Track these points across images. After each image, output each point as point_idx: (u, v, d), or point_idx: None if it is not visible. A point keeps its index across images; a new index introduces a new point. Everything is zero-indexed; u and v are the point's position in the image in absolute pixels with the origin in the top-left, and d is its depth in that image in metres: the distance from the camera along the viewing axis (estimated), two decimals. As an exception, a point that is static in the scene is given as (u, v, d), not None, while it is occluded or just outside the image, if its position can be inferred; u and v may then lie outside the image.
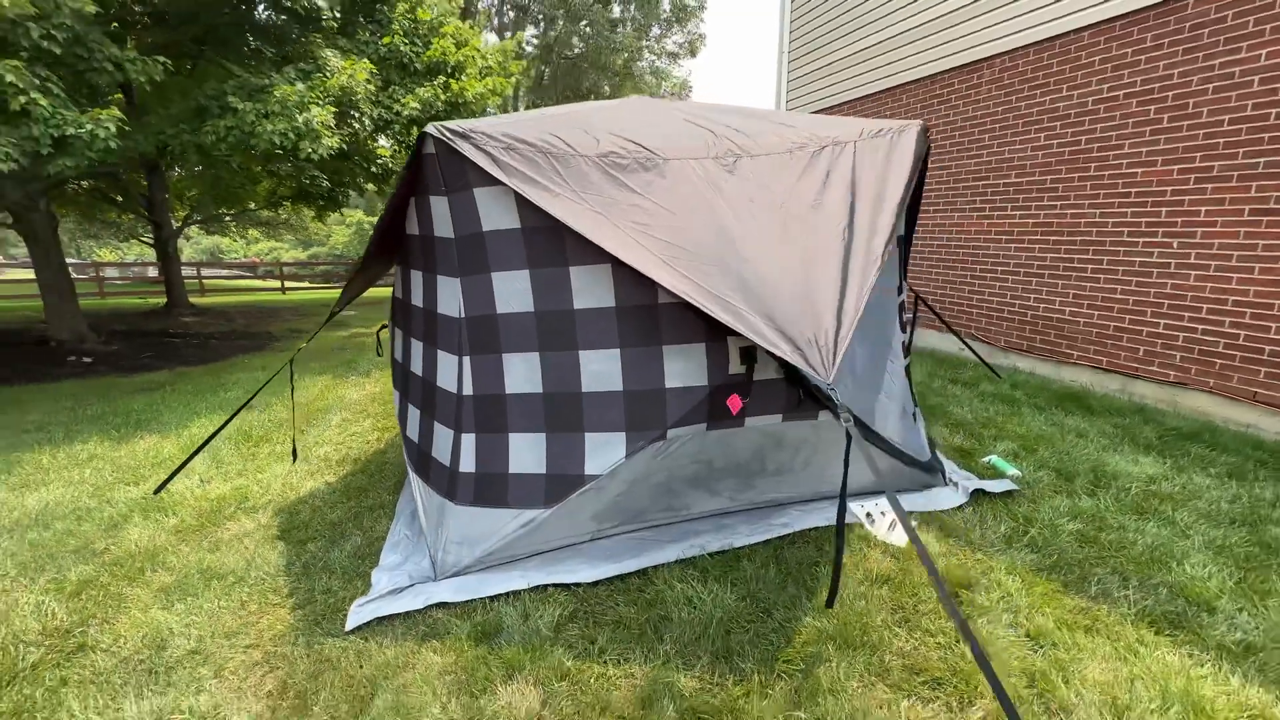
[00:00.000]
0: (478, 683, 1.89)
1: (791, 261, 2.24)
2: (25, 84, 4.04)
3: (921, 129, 2.76)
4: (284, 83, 5.64)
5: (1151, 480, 3.18)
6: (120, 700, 1.91)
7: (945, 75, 6.12)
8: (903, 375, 3.00)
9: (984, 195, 5.81)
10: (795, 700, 1.76)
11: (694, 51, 19.13)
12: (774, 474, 2.74)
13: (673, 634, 2.07)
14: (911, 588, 2.27)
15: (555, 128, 2.48)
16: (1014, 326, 5.61)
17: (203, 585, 2.52)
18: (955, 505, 2.89)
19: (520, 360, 2.44)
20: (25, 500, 3.41)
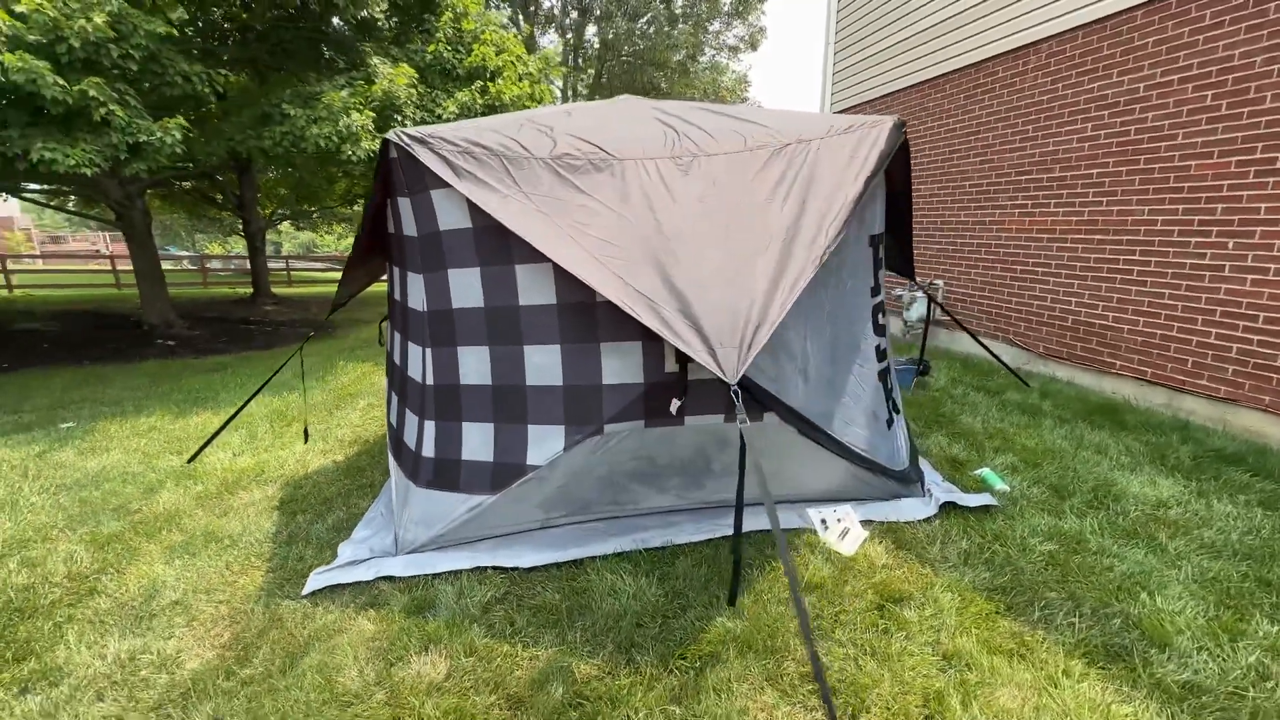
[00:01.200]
0: (396, 651, 2.04)
1: (727, 261, 2.24)
2: (105, 97, 4.61)
3: (894, 125, 2.66)
4: (332, 90, 6.09)
5: (1161, 504, 2.91)
6: (107, 639, 2.20)
7: (990, 63, 5.75)
8: (875, 380, 2.90)
9: (1027, 191, 5.42)
10: (677, 696, 1.79)
11: (754, 45, 18.75)
12: (722, 474, 2.73)
13: (587, 622, 2.14)
14: (840, 598, 2.22)
15: (518, 131, 2.59)
16: (1054, 332, 5.21)
17: (203, 546, 2.83)
18: (923, 517, 2.77)
19: (473, 353, 2.57)
20: (88, 463, 3.92)
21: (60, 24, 4.44)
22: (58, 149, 4.52)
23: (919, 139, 6.80)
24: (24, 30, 4.35)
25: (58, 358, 6.86)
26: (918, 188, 6.89)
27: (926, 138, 6.69)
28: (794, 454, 2.71)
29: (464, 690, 1.86)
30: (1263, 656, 1.89)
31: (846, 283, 2.75)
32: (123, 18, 4.75)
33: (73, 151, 4.56)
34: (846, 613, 2.13)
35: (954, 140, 6.28)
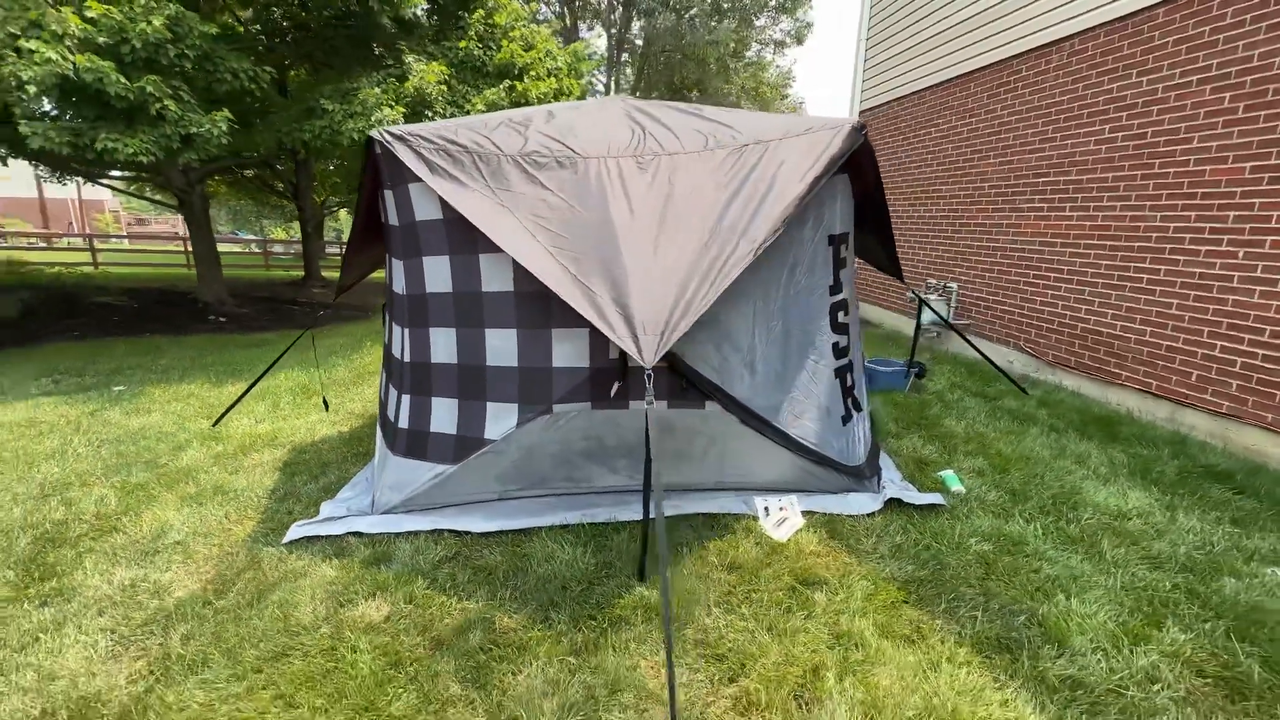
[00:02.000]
0: (348, 595, 2.29)
1: (667, 254, 2.38)
2: (161, 93, 5.09)
3: (852, 128, 2.72)
4: (368, 86, 6.48)
5: (1122, 515, 2.88)
6: (115, 568, 2.55)
7: (1014, 61, 5.60)
8: (830, 376, 2.97)
9: (1043, 194, 5.28)
10: (578, 650, 1.97)
11: (800, 39, 18.43)
12: (671, 458, 2.87)
13: (519, 583, 2.34)
14: (757, 578, 2.34)
15: (493, 130, 2.79)
16: (1063, 340, 5.07)
17: (210, 497, 3.18)
18: (867, 512, 2.84)
19: (442, 334, 2.80)
20: (131, 421, 4.39)
21: (125, 27, 4.93)
22: (119, 139, 5.04)
23: (942, 138, 6.67)
24: (94, 33, 4.86)
25: (124, 329, 7.57)
26: (938, 188, 6.77)
27: (950, 137, 6.55)
28: (740, 443, 2.83)
29: (396, 631, 2.09)
30: (1159, 660, 1.91)
31: (800, 280, 2.84)
32: (179, 20, 5.22)
33: (131, 142, 5.07)
34: (758, 591, 2.25)
35: (976, 140, 6.14)
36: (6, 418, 4.36)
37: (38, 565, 2.57)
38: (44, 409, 4.59)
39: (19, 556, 2.64)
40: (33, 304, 7.77)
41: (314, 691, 1.83)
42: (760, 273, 2.74)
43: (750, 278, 2.71)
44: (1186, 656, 1.94)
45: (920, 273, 7.13)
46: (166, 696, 1.83)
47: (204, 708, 1.79)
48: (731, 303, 2.69)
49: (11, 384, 5.15)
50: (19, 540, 2.76)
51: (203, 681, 1.89)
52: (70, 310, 8.16)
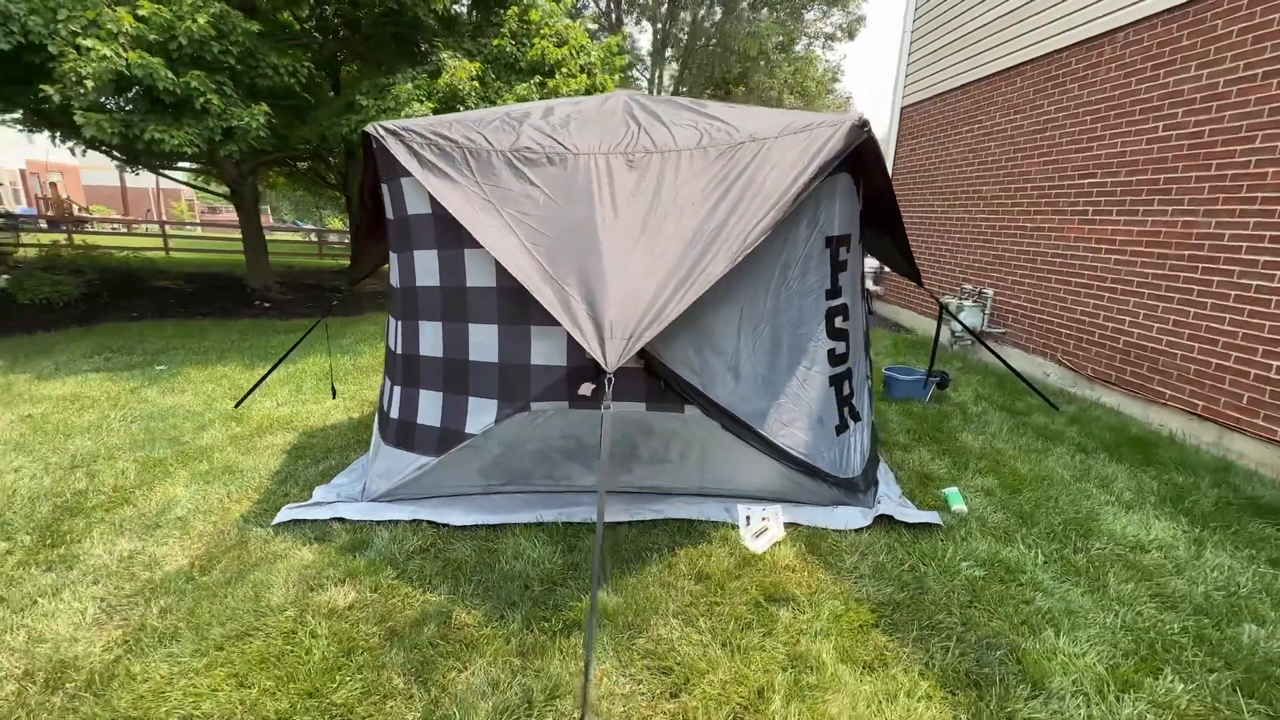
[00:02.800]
0: (319, 579, 2.35)
1: (645, 255, 2.33)
2: (205, 88, 5.35)
3: (852, 125, 2.59)
4: (401, 82, 6.63)
5: (1139, 546, 2.66)
6: (119, 539, 2.69)
7: (1063, 54, 5.24)
8: (824, 384, 2.85)
9: (1088, 196, 4.93)
10: (525, 651, 1.95)
11: (852, 34, 17.82)
12: (650, 462, 2.82)
13: (484, 578, 2.34)
14: (724, 590, 2.27)
15: (487, 125, 2.79)
16: (1104, 354, 4.73)
17: (218, 476, 3.32)
18: (855, 527, 2.71)
19: (430, 327, 2.83)
20: (164, 400, 4.64)
21: (173, 24, 5.20)
22: (165, 131, 5.32)
23: (985, 135, 6.32)
24: (145, 31, 5.14)
25: (177, 311, 8.04)
26: (978, 188, 6.43)
27: (993, 135, 6.21)
28: (722, 449, 2.75)
29: (356, 619, 2.13)
30: (1147, 711, 1.74)
31: (793, 282, 2.73)
32: (224, 17, 5.47)
33: (177, 133, 5.34)
34: (721, 604, 2.18)
35: (1019, 138, 5.79)
36: (55, 391, 4.69)
37: (52, 532, 2.74)
38: (90, 384, 4.90)
39: (38, 523, 2.82)
40: (98, 286, 8.34)
41: (266, 673, 1.88)
42: (749, 274, 2.65)
43: (738, 279, 2.63)
44: (1181, 709, 1.77)
45: (956, 277, 6.80)
46: (133, 667, 1.92)
47: (164, 680, 1.86)
48: (716, 304, 2.61)
49: (66, 360, 5.53)
50: (41, 507, 2.95)
51: (168, 655, 1.97)
52: (132, 292, 8.73)
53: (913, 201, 7.91)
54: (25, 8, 4.97)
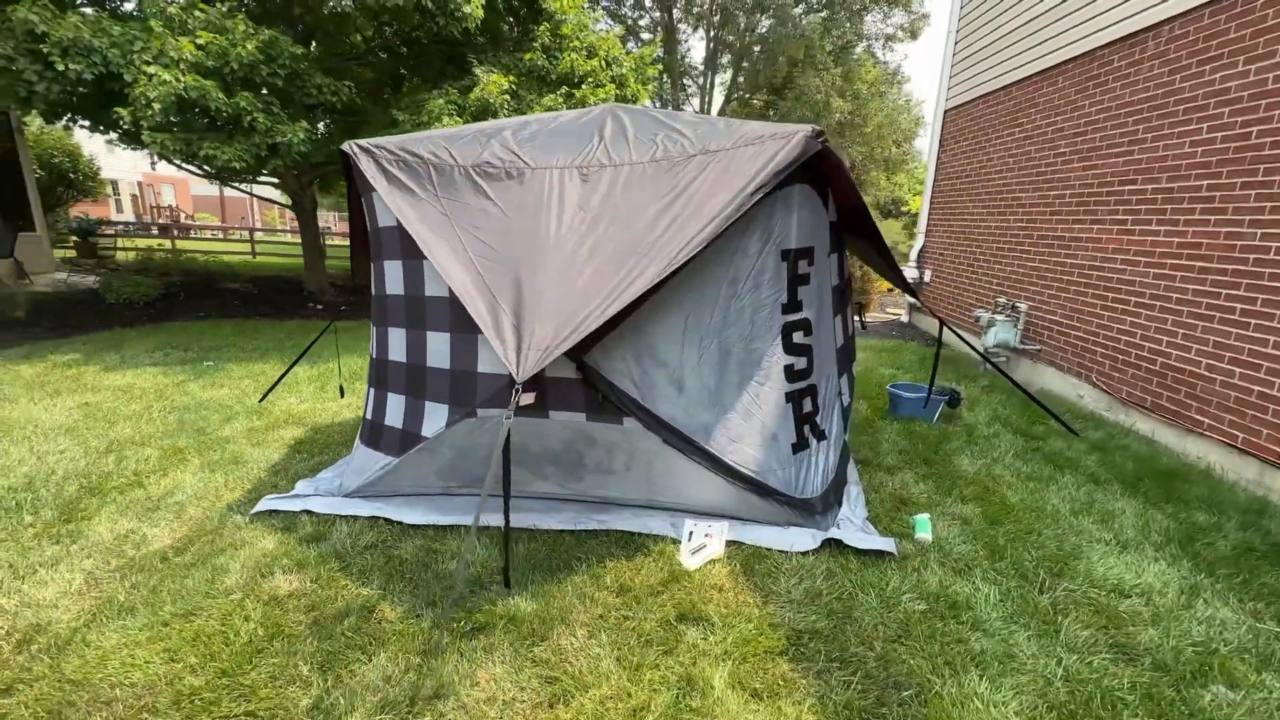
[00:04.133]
0: (271, 566, 2.51)
1: (581, 268, 2.36)
2: (252, 107, 5.84)
3: (804, 136, 2.52)
4: (435, 97, 6.98)
5: (1119, 591, 2.43)
6: (121, 519, 2.98)
7: (1105, 50, 4.85)
8: (779, 400, 2.77)
9: (1127, 203, 4.53)
10: (428, 651, 2.02)
11: (915, 34, 17.08)
12: (596, 471, 2.83)
13: (418, 576, 2.44)
14: (640, 605, 2.25)
15: (456, 141, 2.92)
16: (1140, 376, 4.33)
17: (223, 465, 3.61)
18: (802, 549, 2.62)
19: (396, 334, 2.98)
20: (204, 393, 5.08)
21: (226, 50, 5.71)
22: (218, 147, 5.84)
23: (1025, 139, 5.93)
24: (203, 58, 5.68)
25: (239, 311, 8.76)
26: (1016, 195, 6.03)
27: (1033, 138, 5.81)
28: (666, 462, 2.73)
29: (290, 607, 2.27)
30: (1051, 772, 1.60)
31: (744, 296, 2.68)
32: (272, 43, 5.95)
33: (228, 149, 5.86)
34: (632, 619, 2.17)
35: (1060, 142, 5.40)
36: (113, 382, 5.23)
37: (71, 509, 3.07)
38: (144, 377, 5.43)
39: (62, 500, 3.16)
40: (178, 287, 9.23)
41: (196, 651, 2.04)
42: (695, 286, 2.63)
43: (682, 291, 2.63)
44: (1095, 773, 1.61)
45: (991, 289, 6.40)
46: (90, 635, 2.13)
47: (109, 650, 2.05)
48: (659, 316, 2.61)
49: (132, 354, 6.16)
50: (68, 486, 3.31)
51: (122, 627, 2.17)
52: (204, 293, 9.59)
53: (952, 209, 7.52)
54: (107, 41, 5.60)
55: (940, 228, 7.87)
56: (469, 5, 6.48)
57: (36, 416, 4.32)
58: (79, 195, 13.83)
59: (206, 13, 5.83)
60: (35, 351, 6.00)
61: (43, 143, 12.05)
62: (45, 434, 4.01)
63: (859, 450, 3.77)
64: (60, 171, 12.80)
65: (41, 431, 4.05)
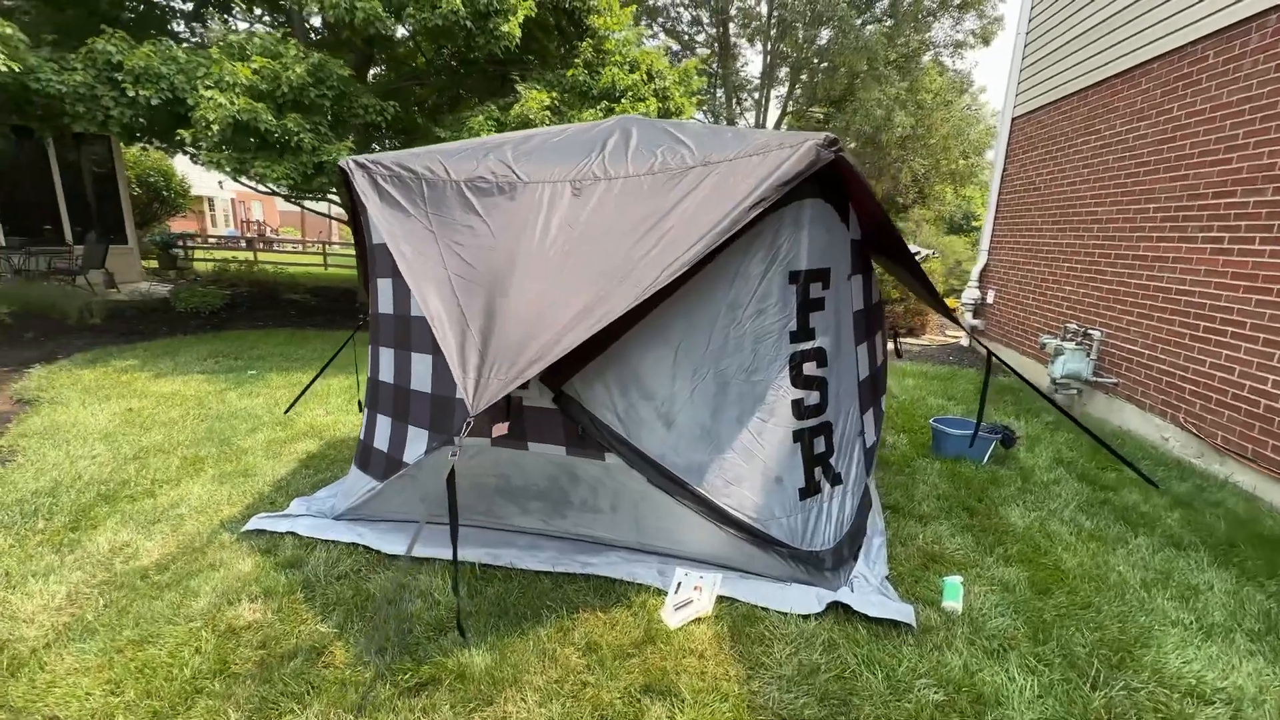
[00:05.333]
0: (239, 593, 2.43)
1: (559, 288, 2.18)
2: (299, 127, 6.06)
3: (815, 145, 2.25)
4: (479, 114, 7.06)
5: (1198, 695, 1.97)
6: (122, 530, 3.00)
7: (1197, 46, 4.27)
8: (784, 439, 2.47)
9: (1224, 219, 3.93)
10: (359, 708, 1.84)
11: (987, 39, 16.12)
12: (582, 509, 2.61)
13: (380, 614, 2.29)
14: (603, 670, 2.00)
15: (453, 155, 2.82)
16: (1238, 419, 3.70)
17: (232, 477, 3.64)
18: (802, 612, 2.30)
19: (387, 353, 2.89)
20: (240, 402, 5.23)
21: (279, 74, 5.96)
22: (268, 165, 6.09)
23: (1101, 147, 5.33)
24: (257, 81, 5.95)
25: (294, 322, 9.15)
26: (1091, 210, 5.42)
27: (1111, 147, 5.21)
28: (654, 503, 2.47)
29: (242, 641, 2.16)
30: None
31: (745, 324, 2.41)
32: (321, 66, 6.18)
33: (277, 167, 6.10)
34: (592, 687, 1.92)
35: (1142, 149, 4.80)
36: (161, 389, 5.47)
37: (81, 516, 3.13)
38: (190, 384, 5.67)
39: (77, 507, 3.23)
40: (244, 297, 9.77)
41: (137, 684, 1.95)
42: (688, 311, 2.39)
43: (676, 316, 2.40)
44: None
45: (1060, 313, 5.76)
46: (46, 657, 2.09)
47: (58, 676, 2.00)
48: (647, 343, 2.38)
49: (184, 361, 6.47)
50: (87, 493, 3.40)
51: (80, 650, 2.12)
52: (266, 304, 10.10)
53: (1018, 225, 6.89)
54: (174, 68, 5.97)
55: (1005, 245, 7.24)
56: (507, 25, 6.53)
57: (82, 420, 4.54)
58: (171, 211, 15.03)
59: (263, 39, 6.13)
60: (100, 356, 6.41)
61: (141, 164, 13.19)
62: (84, 438, 4.19)
63: (889, 493, 3.37)
64: (155, 189, 13.96)
65: (81, 435, 4.24)
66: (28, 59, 5.56)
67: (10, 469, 3.66)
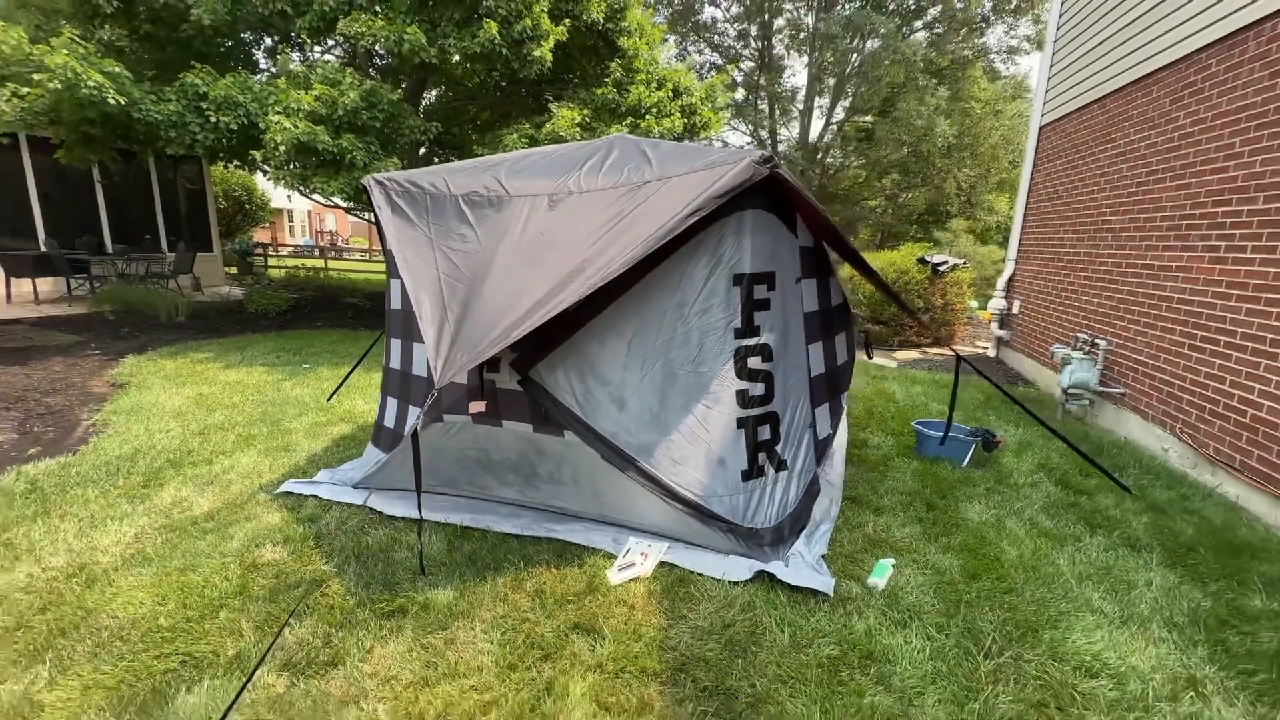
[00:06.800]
0: (265, 538, 2.92)
1: (522, 288, 2.55)
2: (352, 146, 6.77)
3: (750, 162, 2.54)
4: (512, 132, 7.62)
5: (1089, 671, 2.11)
6: (183, 488, 3.57)
7: (1202, 54, 4.25)
8: (729, 425, 2.74)
9: (1221, 228, 3.89)
10: (342, 624, 2.25)
11: (1041, 44, 15.66)
12: (549, 481, 2.96)
13: (374, 561, 2.71)
14: (546, 611, 2.33)
15: (456, 172, 3.26)
16: (1228, 430, 3.66)
17: (276, 451, 4.20)
18: (733, 579, 2.56)
19: (396, 344, 3.35)
20: (293, 391, 5.89)
21: (336, 100, 6.70)
22: (325, 181, 6.83)
23: (1117, 156, 5.28)
24: (317, 106, 6.70)
25: (350, 323, 10.00)
26: (1106, 219, 5.37)
27: (1126, 155, 5.16)
28: (608, 478, 2.79)
29: (261, 573, 2.63)
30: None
31: (691, 320, 2.70)
32: (373, 92, 6.88)
33: (333, 183, 6.82)
34: (530, 622, 2.26)
35: (1152, 158, 4.76)
36: (228, 378, 6.23)
37: (153, 477, 3.74)
38: (253, 375, 6.41)
39: (151, 469, 3.86)
40: (304, 301, 10.75)
41: (177, 598, 2.43)
42: (639, 308, 2.71)
43: (629, 313, 2.73)
44: None
45: (1076, 324, 5.69)
46: (114, 576, 2.61)
47: (120, 590, 2.51)
48: (603, 336, 2.72)
49: (250, 355, 7.28)
50: (158, 459, 4.03)
51: (138, 573, 2.64)
52: (327, 306, 11.05)
53: (1042, 234, 6.80)
54: (249, 97, 6.81)
55: (1031, 254, 7.14)
56: (539, 50, 7.05)
57: (161, 402, 5.28)
58: (252, 222, 16.57)
59: (324, 68, 6.89)
60: (181, 350, 7.31)
61: (227, 180, 14.67)
62: (161, 416, 4.90)
63: (855, 487, 3.56)
64: (239, 203, 15.47)
65: (160, 414, 4.95)
66: (132, 93, 6.49)
67: (102, 438, 4.36)
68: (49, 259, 9.19)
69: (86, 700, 1.91)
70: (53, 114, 6.41)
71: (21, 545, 2.87)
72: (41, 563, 2.72)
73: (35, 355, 6.72)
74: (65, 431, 4.59)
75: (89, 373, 6.23)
